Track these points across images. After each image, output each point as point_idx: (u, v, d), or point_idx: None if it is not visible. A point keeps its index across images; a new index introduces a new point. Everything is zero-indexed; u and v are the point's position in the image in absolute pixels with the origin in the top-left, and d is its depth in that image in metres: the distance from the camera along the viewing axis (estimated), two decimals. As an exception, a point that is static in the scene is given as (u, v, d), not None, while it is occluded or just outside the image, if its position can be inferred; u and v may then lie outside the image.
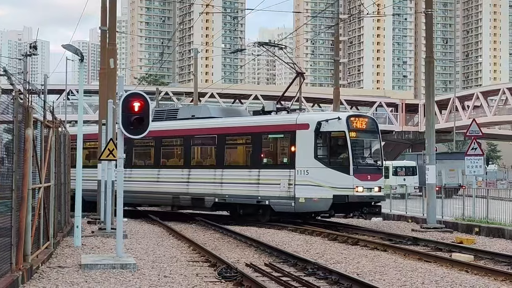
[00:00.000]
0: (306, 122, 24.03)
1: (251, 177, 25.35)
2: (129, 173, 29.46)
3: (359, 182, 23.34)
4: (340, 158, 23.98)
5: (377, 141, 25.48)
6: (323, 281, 13.57)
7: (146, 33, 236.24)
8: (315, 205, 23.74)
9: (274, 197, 24.30)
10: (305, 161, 23.57)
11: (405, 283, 13.24)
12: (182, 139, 28.82)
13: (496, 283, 13.65)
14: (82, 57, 19.14)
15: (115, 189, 31.62)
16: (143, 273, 13.95)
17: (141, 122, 15.05)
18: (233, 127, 27.06)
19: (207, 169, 27.68)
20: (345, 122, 23.69)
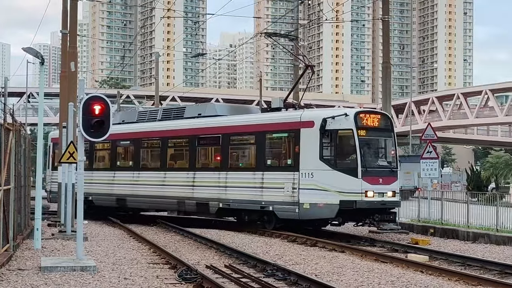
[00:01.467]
0: (311, 119, 21.24)
1: (255, 180, 22.83)
2: (137, 176, 28.14)
3: (369, 186, 20.37)
4: (347, 159, 21.13)
5: (390, 140, 22.14)
6: (282, 282, 13.62)
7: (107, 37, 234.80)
8: (320, 212, 20.89)
9: (277, 202, 21.75)
10: (310, 162, 20.95)
11: (362, 283, 13.34)
12: (187, 139, 26.28)
13: (450, 283, 13.86)
14: (43, 60, 18.97)
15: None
16: (103, 275, 13.85)
17: (101, 125, 15.03)
18: (237, 126, 24.25)
19: (211, 171, 25.10)
20: (353, 119, 20.76)
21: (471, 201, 24.81)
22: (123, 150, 29.83)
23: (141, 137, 28.08)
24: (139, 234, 22.64)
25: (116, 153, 29.83)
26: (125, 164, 29.33)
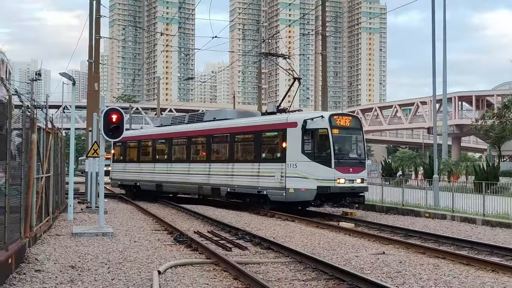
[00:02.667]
0: (294, 120, 20.31)
1: (253, 170, 21.78)
2: (170, 166, 27.16)
3: (340, 174, 19.33)
4: (323, 153, 19.70)
5: (359, 137, 21.02)
6: (249, 242, 13.76)
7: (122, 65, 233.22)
8: (302, 195, 19.72)
9: (270, 187, 20.70)
10: (294, 155, 19.93)
11: (307, 243, 13.47)
12: (205, 138, 25.16)
13: (369, 243, 14.03)
14: (74, 81, 18.92)
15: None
16: (118, 239, 13.89)
17: (117, 129, 15.15)
18: (241, 127, 23.31)
19: (222, 163, 23.85)
20: (327, 120, 19.75)
21: (385, 184, 25.01)
22: (160, 146, 28.82)
23: (173, 137, 27.40)
24: (145, 209, 22.62)
25: (156, 149, 29.03)
26: (162, 157, 28.43)
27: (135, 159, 30.58)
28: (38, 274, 9.42)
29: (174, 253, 12.02)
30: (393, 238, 14.60)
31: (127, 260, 10.84)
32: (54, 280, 9.04)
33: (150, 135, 30.26)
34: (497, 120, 43.26)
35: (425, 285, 8.97)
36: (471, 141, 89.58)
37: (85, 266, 10.21)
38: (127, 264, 10.48)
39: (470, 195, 21.40)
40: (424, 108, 75.77)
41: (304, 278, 9.73)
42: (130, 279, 9.15)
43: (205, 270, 10.22)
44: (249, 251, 12.54)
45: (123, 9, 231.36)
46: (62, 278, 9.15)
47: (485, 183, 20.46)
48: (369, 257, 11.50)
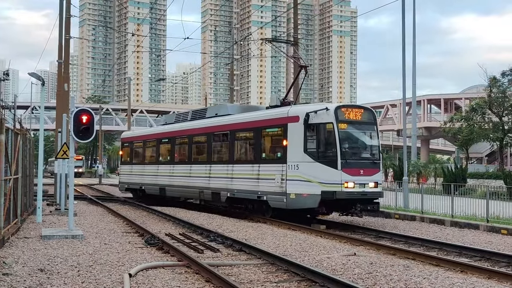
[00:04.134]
0: (296, 114, 17.35)
1: (253, 172, 18.95)
2: (172, 169, 24.72)
3: (348, 177, 16.36)
4: (329, 151, 16.76)
5: (373, 133, 17.77)
6: (221, 245, 13.68)
7: (92, 65, 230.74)
8: (304, 202, 16.91)
9: (270, 192, 17.92)
10: (295, 155, 17.07)
11: (279, 245, 13.46)
12: (206, 136, 22.27)
13: (341, 244, 14.08)
14: (43, 82, 18.58)
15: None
16: (88, 241, 13.70)
17: (88, 130, 14.90)
18: (240, 123, 20.34)
19: (222, 164, 21.01)
20: (333, 113, 16.71)
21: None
22: (163, 146, 26.12)
23: (175, 135, 24.82)
24: (116, 211, 22.33)
25: (159, 149, 26.45)
26: (165, 158, 25.86)
27: (140, 161, 28.61)
28: (6, 277, 9.24)
29: (145, 255, 11.90)
30: (364, 240, 14.69)
31: (97, 263, 10.69)
32: (22, 283, 8.88)
33: (154, 134, 27.79)
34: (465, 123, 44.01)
35: (395, 286, 9.04)
36: (440, 143, 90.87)
37: (55, 269, 10.04)
38: (97, 267, 10.34)
39: (439, 196, 21.69)
40: (394, 111, 76.54)
41: (276, 279, 9.73)
42: (101, 282, 9.03)
43: (177, 273, 10.15)
44: (221, 253, 12.48)
45: (93, 9, 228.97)
46: (30, 282, 8.99)
47: (454, 185, 20.79)
48: (340, 258, 11.56)
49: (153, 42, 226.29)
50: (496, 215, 17.97)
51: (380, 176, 17.63)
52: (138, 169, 28.18)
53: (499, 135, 43.47)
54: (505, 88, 43.90)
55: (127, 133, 32.99)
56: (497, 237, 15.86)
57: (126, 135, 31.52)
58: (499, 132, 43.16)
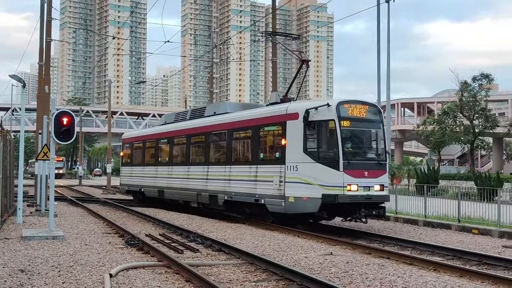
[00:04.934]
0: (295, 111, 15.53)
1: (251, 173, 17.18)
2: (171, 170, 23.00)
3: (351, 180, 14.54)
4: (330, 151, 14.93)
5: (379, 132, 15.73)
6: (201, 245, 13.64)
7: (72, 68, 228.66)
8: (304, 206, 15.13)
9: (268, 195, 16.15)
10: (294, 155, 15.31)
11: (257, 245, 13.45)
12: (204, 136, 20.45)
13: (318, 244, 14.08)
14: (24, 84, 18.38)
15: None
16: (69, 242, 13.55)
17: (68, 132, 14.71)
18: (238, 121, 18.49)
19: (219, 165, 19.27)
20: (335, 109, 14.84)
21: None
22: (162, 147, 24.42)
23: (173, 135, 23.12)
24: (96, 212, 22.13)
25: (158, 150, 24.82)
26: (163, 160, 24.25)
27: (140, 162, 27.01)
28: (-14, 278, 9.10)
29: (125, 256, 11.81)
30: (341, 240, 14.70)
31: (78, 264, 10.58)
32: (3, 284, 8.74)
33: (153, 134, 26.11)
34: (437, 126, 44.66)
35: (371, 284, 9.11)
36: (413, 145, 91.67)
37: (35, 269, 9.92)
38: (78, 267, 10.23)
39: (412, 197, 21.88)
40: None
41: (255, 279, 9.73)
42: (81, 283, 8.94)
43: (157, 273, 10.09)
44: (200, 253, 12.44)
45: (74, 12, 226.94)
46: (11, 282, 8.86)
47: (426, 186, 21.01)
48: (317, 257, 11.60)
49: (133, 45, 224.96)
50: (468, 215, 18.19)
51: (386, 178, 15.69)
52: (137, 170, 26.84)
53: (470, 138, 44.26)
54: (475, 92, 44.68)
55: (128, 133, 31.74)
56: (468, 236, 16.06)
57: (126, 136, 30.47)
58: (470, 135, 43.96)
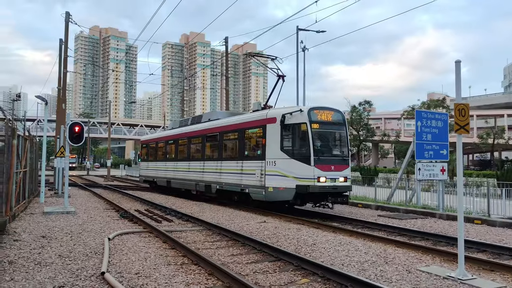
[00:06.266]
0: (273, 116, 14.12)
1: (237, 167, 15.62)
2: (176, 165, 21.11)
3: (321, 173, 12.97)
4: (303, 149, 13.29)
5: (343, 133, 14.05)
6: (174, 217, 13.41)
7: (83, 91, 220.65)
8: (281, 194, 13.49)
9: (251, 185, 14.64)
10: (273, 152, 13.80)
11: (214, 216, 13.30)
12: (201, 137, 18.87)
13: (256, 215, 13.91)
14: (46, 102, 17.64)
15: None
16: (79, 216, 13.05)
17: (79, 137, 14.22)
18: (227, 125, 16.92)
19: (213, 161, 17.55)
20: (306, 114, 13.34)
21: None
22: (170, 147, 22.46)
23: (178, 138, 21.38)
24: (99, 194, 21.41)
25: (166, 149, 22.82)
26: (170, 157, 22.16)
27: (154, 159, 24.88)
28: (16, 242, 8.64)
29: (120, 225, 11.49)
30: (272, 212, 14.78)
31: (85, 231, 10.21)
32: (28, 246, 8.33)
33: (163, 137, 23.99)
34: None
35: (291, 241, 9.21)
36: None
37: (53, 236, 9.49)
38: (85, 233, 9.87)
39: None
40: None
41: (212, 240, 9.67)
42: (87, 244, 8.63)
43: (143, 237, 9.86)
44: (174, 223, 12.26)
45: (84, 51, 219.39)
46: (35, 245, 8.45)
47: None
48: (255, 224, 11.64)
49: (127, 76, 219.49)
50: (355, 195, 18.69)
51: (349, 172, 13.83)
52: (152, 165, 24.83)
53: (357, 143, 45.77)
54: (361, 113, 46.39)
55: (145, 137, 28.93)
56: (355, 209, 16.42)
57: (144, 139, 28.11)
58: (357, 141, 45.48)
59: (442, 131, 14.34)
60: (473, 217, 12.92)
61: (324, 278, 6.41)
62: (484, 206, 13.67)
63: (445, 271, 6.82)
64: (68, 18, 27.26)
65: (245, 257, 7.84)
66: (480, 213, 13.55)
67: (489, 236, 10.52)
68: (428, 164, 14.36)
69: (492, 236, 10.47)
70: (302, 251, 8.25)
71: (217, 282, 6.20)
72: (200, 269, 6.90)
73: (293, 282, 6.28)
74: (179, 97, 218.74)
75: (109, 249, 8.06)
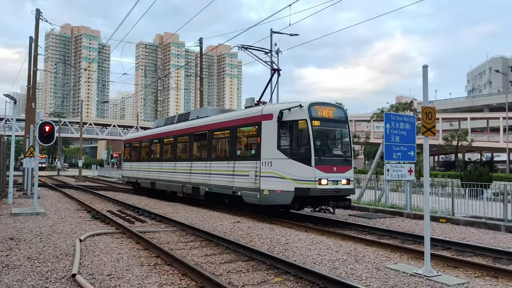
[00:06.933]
0: (270, 112, 12.54)
1: (229, 168, 14.04)
2: (161, 165, 19.55)
3: (322, 174, 11.56)
4: (302, 148, 11.85)
5: (345, 131, 12.63)
6: (147, 217, 13.22)
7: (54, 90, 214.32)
8: (278, 198, 12.00)
9: (244, 188, 13.10)
10: (269, 152, 12.33)
11: (188, 217, 13.22)
12: (188, 136, 17.26)
13: (230, 215, 13.85)
14: (15, 100, 17.03)
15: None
16: (49, 217, 12.67)
17: (49, 137, 13.82)
18: (218, 123, 15.28)
19: (201, 161, 15.97)
20: (307, 110, 11.84)
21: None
22: (154, 146, 20.85)
23: (163, 136, 19.83)
24: (70, 195, 20.86)
25: (151, 149, 21.23)
26: (155, 156, 20.60)
27: (137, 159, 23.28)
28: (-18, 245, 8.30)
29: (92, 226, 11.23)
30: (243, 212, 14.78)
31: (55, 232, 9.92)
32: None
33: (147, 136, 22.40)
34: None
35: (264, 240, 9.24)
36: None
37: (22, 237, 9.18)
38: (55, 235, 9.59)
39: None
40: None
41: (185, 240, 9.59)
42: (58, 246, 8.39)
43: (115, 238, 9.67)
44: (147, 223, 12.09)
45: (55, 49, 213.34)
46: (2, 247, 8.14)
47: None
48: (229, 225, 11.61)
49: (100, 75, 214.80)
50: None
51: (352, 173, 12.35)
52: (135, 165, 23.29)
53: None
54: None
55: (128, 135, 27.51)
56: (327, 209, 16.64)
57: (126, 138, 26.63)
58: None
59: (410, 133, 14.74)
60: (438, 216, 13.34)
61: (296, 276, 6.47)
62: (448, 205, 14.12)
63: (412, 268, 7.01)
64: (39, 16, 26.49)
65: (219, 257, 7.81)
66: (445, 212, 14.00)
67: (453, 234, 10.88)
68: (397, 165, 14.72)
69: (456, 234, 10.84)
70: (275, 250, 8.29)
71: (190, 282, 6.16)
72: (174, 269, 6.84)
73: (266, 281, 6.31)
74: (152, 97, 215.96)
75: (80, 251, 7.86)
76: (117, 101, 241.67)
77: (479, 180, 20.90)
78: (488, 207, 13.41)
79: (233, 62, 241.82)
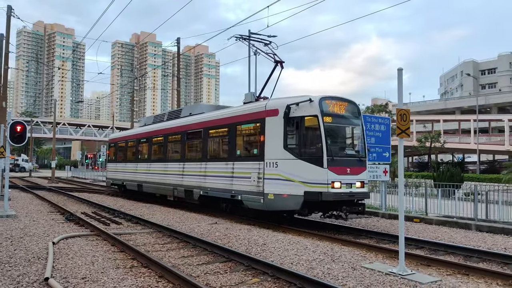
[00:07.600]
0: (275, 107, 11.20)
1: (227, 170, 12.66)
2: (149, 166, 18.19)
3: (335, 177, 10.13)
4: (312, 147, 10.51)
5: (359, 128, 11.22)
6: (123, 219, 13.04)
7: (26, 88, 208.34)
8: (285, 203, 10.64)
9: (245, 191, 11.75)
10: (274, 152, 10.97)
11: (165, 218, 13.10)
12: (180, 135, 15.81)
13: (207, 217, 13.84)
14: (-15, 99, 16.49)
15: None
16: (20, 219, 12.30)
17: (21, 137, 13.45)
18: (214, 120, 13.85)
19: (195, 162, 14.55)
20: (317, 105, 10.45)
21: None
22: (142, 146, 19.46)
23: (152, 135, 18.45)
24: (42, 196, 20.28)
25: (137, 149, 19.87)
26: (143, 157, 19.19)
27: (123, 159, 21.86)
28: (-51, 249, 7.97)
29: (65, 228, 10.96)
30: (221, 213, 14.76)
31: (27, 235, 9.63)
32: (-37, 253, 7.72)
33: (134, 135, 20.93)
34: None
35: (242, 242, 9.24)
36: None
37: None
38: (27, 238, 9.32)
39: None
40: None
41: (162, 242, 9.48)
42: (30, 249, 8.15)
43: (90, 240, 9.48)
44: (123, 225, 11.90)
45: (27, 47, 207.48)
46: (-30, 252, 7.85)
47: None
48: (207, 226, 11.55)
49: (74, 74, 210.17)
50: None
51: (366, 175, 11.01)
52: (120, 166, 21.92)
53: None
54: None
55: (113, 135, 25.71)
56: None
57: (111, 137, 24.87)
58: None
59: (385, 134, 15.02)
60: (412, 216, 13.64)
61: (274, 277, 6.49)
62: (422, 205, 14.46)
63: (387, 267, 7.14)
64: (10, 12, 25.72)
65: (196, 259, 7.76)
66: (419, 212, 14.33)
67: (426, 233, 11.15)
68: (372, 166, 14.98)
69: (429, 233, 11.11)
70: (253, 251, 8.30)
71: (167, 284, 6.10)
72: (150, 272, 6.75)
73: (244, 282, 6.31)
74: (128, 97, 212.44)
75: (53, 254, 7.67)
76: (92, 101, 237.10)
77: (451, 181, 21.49)
78: (459, 207, 13.80)
79: (211, 63, 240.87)
